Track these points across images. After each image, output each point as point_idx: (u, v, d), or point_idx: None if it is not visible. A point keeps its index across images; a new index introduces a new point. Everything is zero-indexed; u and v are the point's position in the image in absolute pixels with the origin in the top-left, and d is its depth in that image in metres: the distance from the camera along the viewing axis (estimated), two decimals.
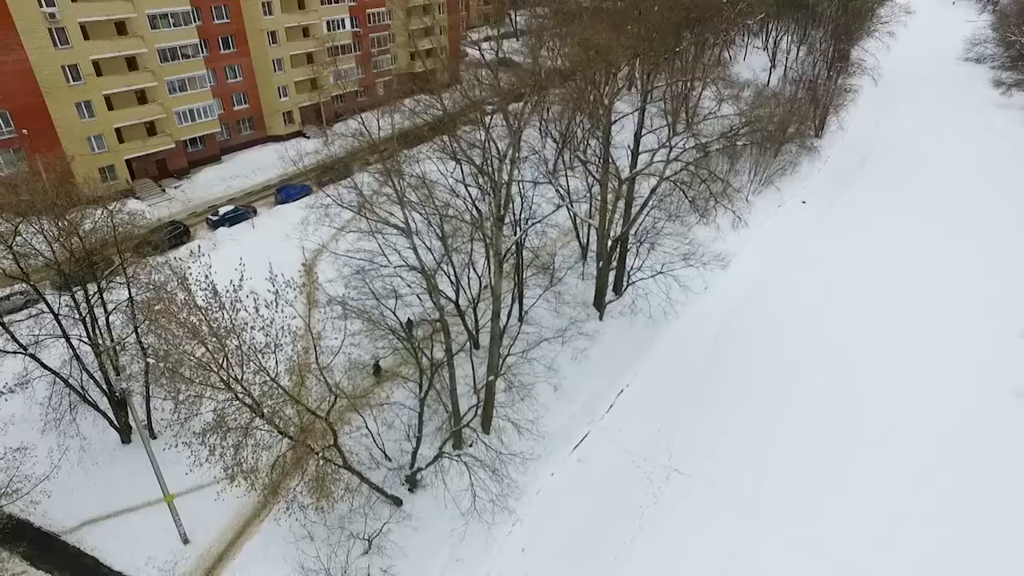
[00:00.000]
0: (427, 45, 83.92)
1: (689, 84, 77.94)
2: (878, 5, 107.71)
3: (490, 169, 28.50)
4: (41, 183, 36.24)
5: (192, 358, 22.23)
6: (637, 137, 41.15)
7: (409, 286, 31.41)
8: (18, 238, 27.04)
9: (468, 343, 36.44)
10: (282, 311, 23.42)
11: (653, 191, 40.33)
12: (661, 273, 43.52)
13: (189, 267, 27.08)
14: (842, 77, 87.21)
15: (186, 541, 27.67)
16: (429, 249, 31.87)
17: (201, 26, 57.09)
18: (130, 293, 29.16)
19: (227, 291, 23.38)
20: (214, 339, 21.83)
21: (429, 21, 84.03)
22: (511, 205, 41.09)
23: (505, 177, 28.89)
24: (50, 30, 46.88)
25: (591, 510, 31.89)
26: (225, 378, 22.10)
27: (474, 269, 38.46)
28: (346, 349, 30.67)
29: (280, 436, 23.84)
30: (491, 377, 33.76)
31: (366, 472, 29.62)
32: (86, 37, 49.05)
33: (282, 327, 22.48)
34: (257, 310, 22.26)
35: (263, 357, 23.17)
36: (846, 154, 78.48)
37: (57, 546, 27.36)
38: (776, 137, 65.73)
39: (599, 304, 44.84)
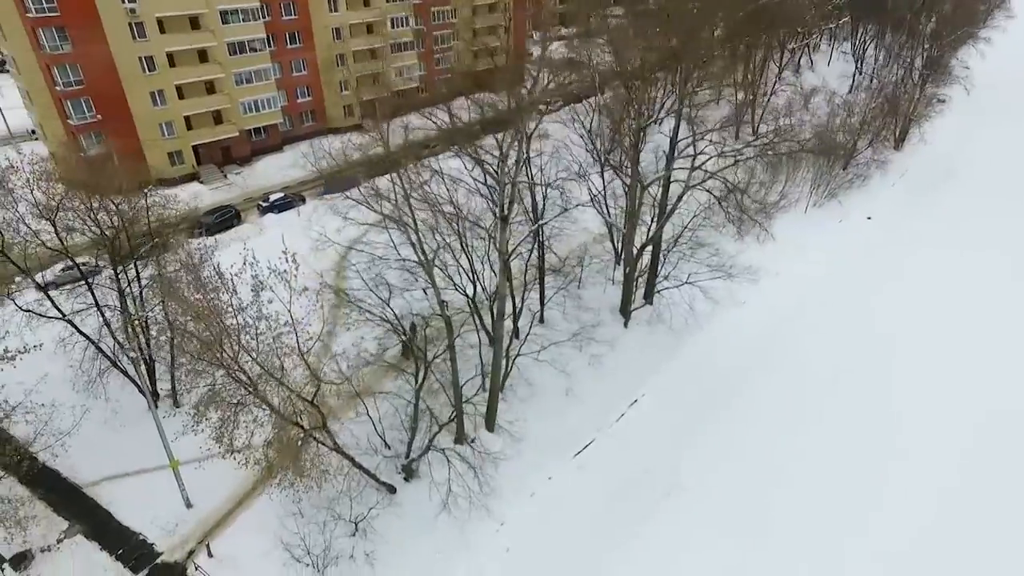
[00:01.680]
0: (491, 44, 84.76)
1: (751, 91, 75.16)
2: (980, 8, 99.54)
3: (494, 168, 28.58)
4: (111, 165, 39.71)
5: (194, 335, 23.75)
6: (672, 143, 40.02)
7: (417, 280, 31.86)
8: (66, 214, 29.65)
9: (480, 340, 36.58)
10: (295, 298, 24.42)
11: (679, 198, 39.08)
12: (688, 283, 42.23)
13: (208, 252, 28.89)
14: (929, 85, 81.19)
15: (189, 505, 29.48)
16: (449, 247, 32.37)
17: (270, 22, 60.24)
18: (159, 270, 31.34)
19: (230, 274, 24.76)
20: (213, 319, 23.18)
21: (494, 20, 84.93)
22: (536, 205, 41.48)
23: (509, 177, 28.86)
24: (130, 24, 50.90)
25: (584, 518, 31.40)
26: (219, 354, 23.42)
27: (492, 268, 38.56)
28: (355, 341, 31.80)
29: (271, 414, 24.98)
30: (495, 376, 34.02)
31: (362, 457, 30.48)
32: (162, 31, 52.91)
33: (277, 313, 23.41)
34: (257, 293, 23.36)
35: (262, 339, 24.39)
36: (926, 170, 72.92)
37: (77, 497, 29.86)
38: (836, 148, 62.04)
39: (625, 311, 44.01)
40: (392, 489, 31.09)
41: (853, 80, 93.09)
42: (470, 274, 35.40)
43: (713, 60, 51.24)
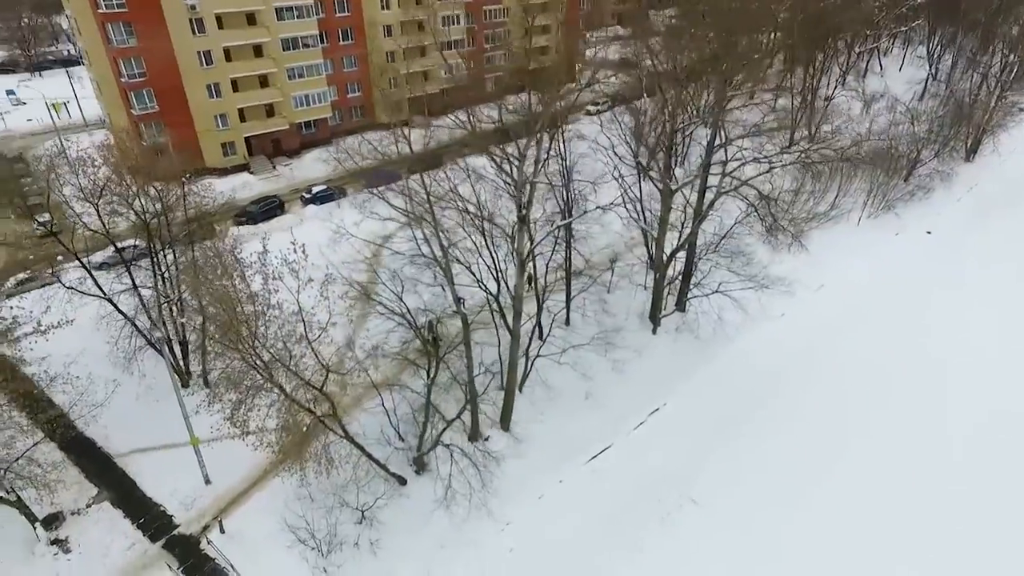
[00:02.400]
0: (543, 43, 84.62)
1: (807, 95, 72.28)
2: None
3: (511, 168, 28.52)
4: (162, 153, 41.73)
5: (214, 319, 24.78)
6: (709, 148, 38.88)
7: (436, 277, 32.12)
8: (109, 198, 31.39)
9: (500, 339, 36.64)
10: (304, 288, 25.17)
11: (710, 205, 37.94)
12: (719, 293, 40.99)
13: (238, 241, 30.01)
14: (1009, 93, 75.88)
15: (208, 482, 30.73)
16: (475, 244, 32.58)
17: (323, 19, 62.01)
18: (192, 256, 32.77)
19: (250, 262, 25.69)
20: (227, 304, 24.11)
21: (547, 19, 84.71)
22: (567, 206, 41.10)
23: (527, 176, 28.73)
24: (191, 20, 53.41)
25: (591, 525, 30.96)
26: (235, 338, 24.32)
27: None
28: (377, 334, 32.28)
29: (281, 399, 25.73)
30: (511, 375, 34.00)
31: (375, 447, 30.99)
32: (220, 26, 55.28)
33: (283, 302, 24.11)
34: (266, 281, 24.13)
35: (278, 326, 25.19)
36: (997, 184, 68.26)
37: (108, 466, 31.63)
38: (886, 158, 58.86)
39: (654, 317, 43.13)
40: (402, 481, 31.50)
41: (925, 86, 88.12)
42: (493, 272, 35.57)
43: (757, 63, 49.49)
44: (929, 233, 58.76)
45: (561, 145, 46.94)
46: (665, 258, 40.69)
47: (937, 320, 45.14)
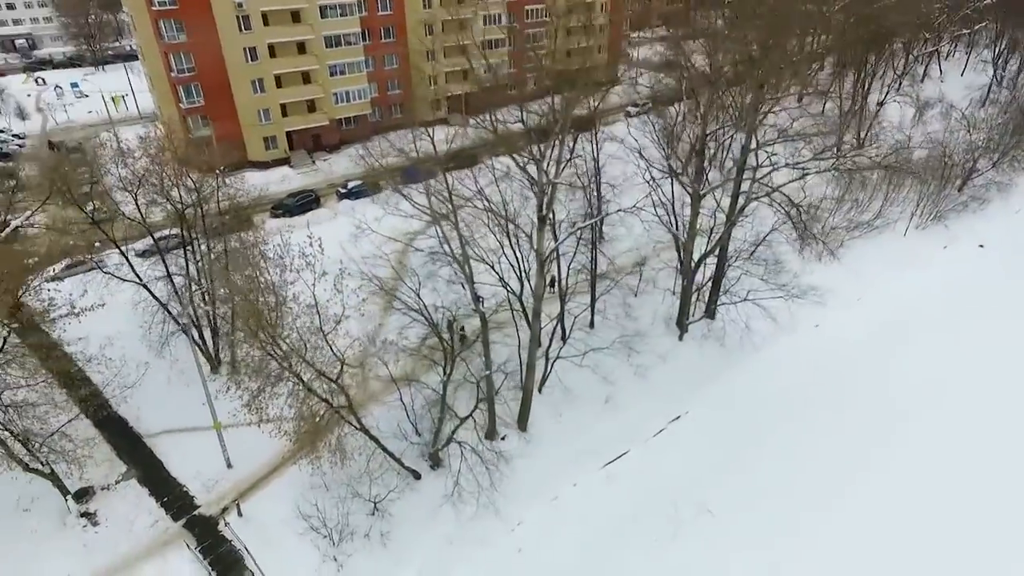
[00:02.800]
0: (585, 43, 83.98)
1: (856, 101, 69.77)
2: None
3: (535, 168, 28.44)
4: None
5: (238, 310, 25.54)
6: (743, 153, 37.89)
7: (456, 274, 32.26)
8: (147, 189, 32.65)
9: (520, 340, 36.59)
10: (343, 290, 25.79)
11: (740, 210, 36.99)
12: (748, 300, 39.94)
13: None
14: None
15: (229, 466, 31.67)
16: (499, 244, 32.66)
17: (366, 17, 63.05)
18: (226, 247, 33.83)
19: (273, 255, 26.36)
20: (245, 294, 24.84)
21: (590, 19, 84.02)
22: (596, 207, 40.77)
23: (547, 177, 28.60)
24: (238, 17, 55.08)
25: (602, 530, 30.65)
26: (254, 327, 25.03)
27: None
28: (394, 332, 32.68)
29: (301, 389, 26.32)
30: (529, 376, 33.94)
31: (391, 441, 31.39)
32: (265, 23, 56.83)
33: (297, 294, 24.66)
34: (282, 272, 24.72)
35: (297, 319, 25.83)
36: None
37: (138, 445, 32.93)
38: (947, 166, 56.30)
39: (681, 323, 42.37)
40: (417, 475, 31.81)
41: (987, 92, 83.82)
42: (517, 272, 35.55)
43: (798, 66, 47.92)
44: (982, 247, 55.97)
45: (594, 147, 46.84)
46: (694, 263, 39.89)
47: (985, 340, 42.74)
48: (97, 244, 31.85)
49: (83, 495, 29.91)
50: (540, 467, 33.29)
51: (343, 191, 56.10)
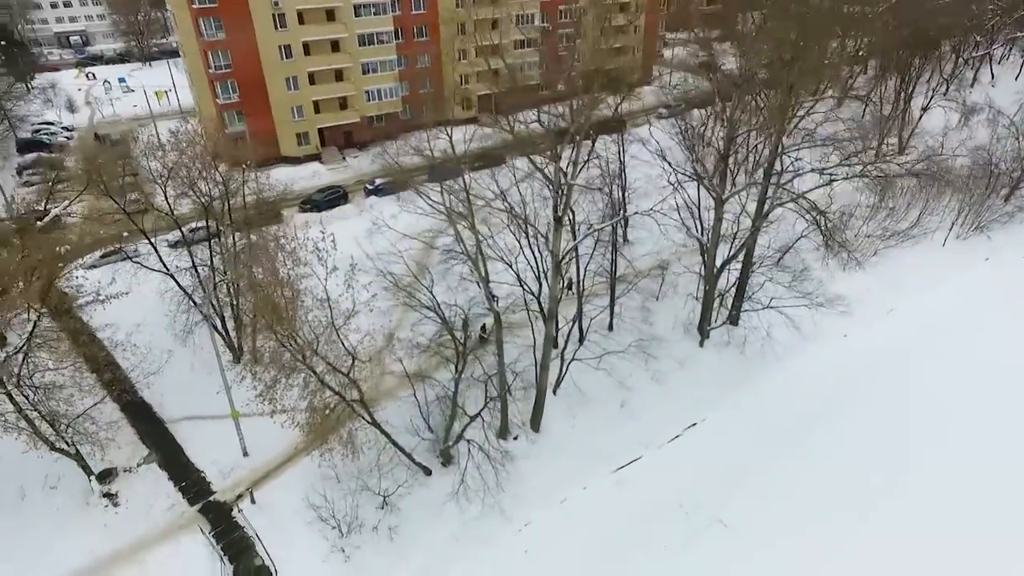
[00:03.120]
0: (619, 44, 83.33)
1: (898, 105, 67.50)
2: None
3: (548, 169, 28.33)
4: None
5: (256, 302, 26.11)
6: (773, 157, 37.03)
7: (471, 273, 32.31)
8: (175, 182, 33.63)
9: (536, 341, 36.50)
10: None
11: (764, 216, 36.18)
12: (772, 308, 39.07)
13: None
14: None
15: (246, 454, 32.40)
16: (521, 246, 32.70)
17: (399, 16, 63.71)
18: (249, 241, 34.61)
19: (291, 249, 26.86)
20: (258, 287, 25.38)
21: (625, 20, 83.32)
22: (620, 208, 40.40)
23: (564, 178, 28.44)
24: (273, 15, 56.30)
25: (611, 536, 30.37)
26: (269, 319, 25.58)
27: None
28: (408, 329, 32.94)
29: (313, 381, 26.77)
30: (542, 376, 33.82)
31: (403, 436, 31.65)
32: (301, 22, 57.90)
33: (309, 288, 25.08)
34: (295, 265, 25.16)
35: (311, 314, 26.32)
36: None
37: (160, 430, 33.95)
38: (994, 175, 54.03)
39: (702, 329, 41.67)
40: (428, 471, 32.01)
41: None
42: (535, 272, 35.50)
43: (832, 69, 46.53)
44: None
45: (620, 149, 46.48)
46: (716, 268, 39.17)
47: (1006, 363, 40.87)
48: (125, 234, 32.88)
49: (106, 476, 30.98)
50: (550, 469, 33.16)
51: (370, 188, 56.82)
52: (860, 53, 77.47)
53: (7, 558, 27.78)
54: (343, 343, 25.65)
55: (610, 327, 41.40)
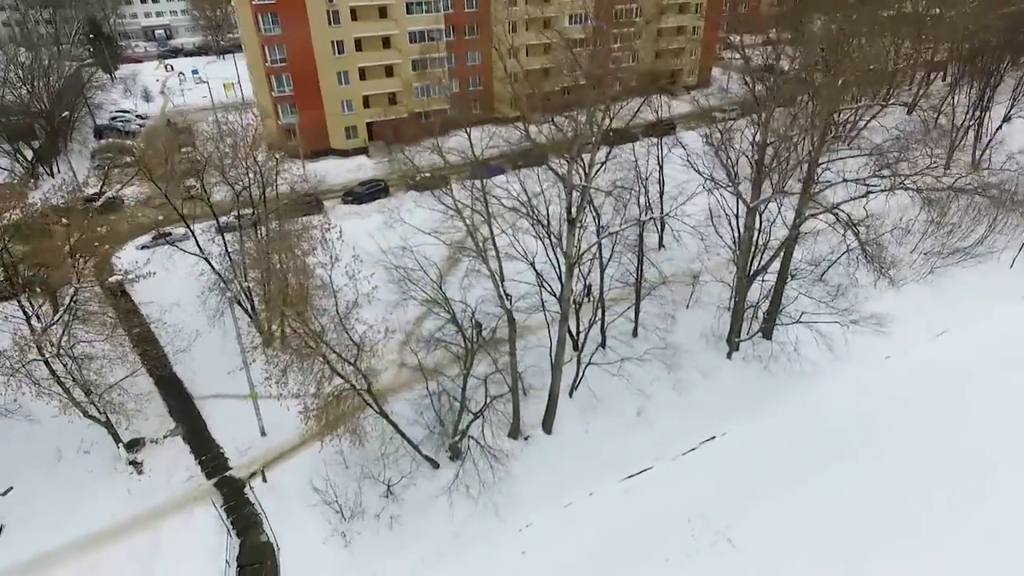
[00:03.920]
0: (676, 45, 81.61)
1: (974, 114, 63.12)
2: None
3: (562, 170, 28.04)
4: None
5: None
6: (812, 165, 35.34)
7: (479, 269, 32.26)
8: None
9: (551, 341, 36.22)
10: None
11: (798, 226, 34.55)
12: (810, 323, 37.31)
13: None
14: None
15: (263, 434, 33.62)
16: (545, 248, 32.57)
17: (450, 13, 64.44)
18: (267, 231, 35.83)
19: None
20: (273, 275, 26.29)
21: (683, 21, 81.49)
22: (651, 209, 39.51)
23: (578, 179, 28.07)
24: (328, 12, 58.03)
25: (613, 544, 29.81)
26: (286, 305, 26.50)
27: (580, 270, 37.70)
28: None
29: (324, 367, 27.52)
30: (555, 379, 33.54)
31: (413, 428, 32.11)
32: (354, 18, 59.43)
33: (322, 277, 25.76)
34: (304, 256, 25.88)
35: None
36: None
37: (188, 406, 35.67)
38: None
39: (731, 341, 40.27)
40: (435, 465, 32.30)
41: None
42: (557, 272, 35.18)
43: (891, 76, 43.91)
44: None
45: (660, 153, 45.55)
46: (747, 279, 37.78)
47: None
48: (160, 218, 34.70)
49: (134, 445, 32.79)
50: (558, 472, 32.84)
51: (411, 182, 57.68)
52: (934, 58, 72.85)
53: (42, 513, 29.87)
54: (347, 333, 26.20)
55: (634, 333, 40.62)
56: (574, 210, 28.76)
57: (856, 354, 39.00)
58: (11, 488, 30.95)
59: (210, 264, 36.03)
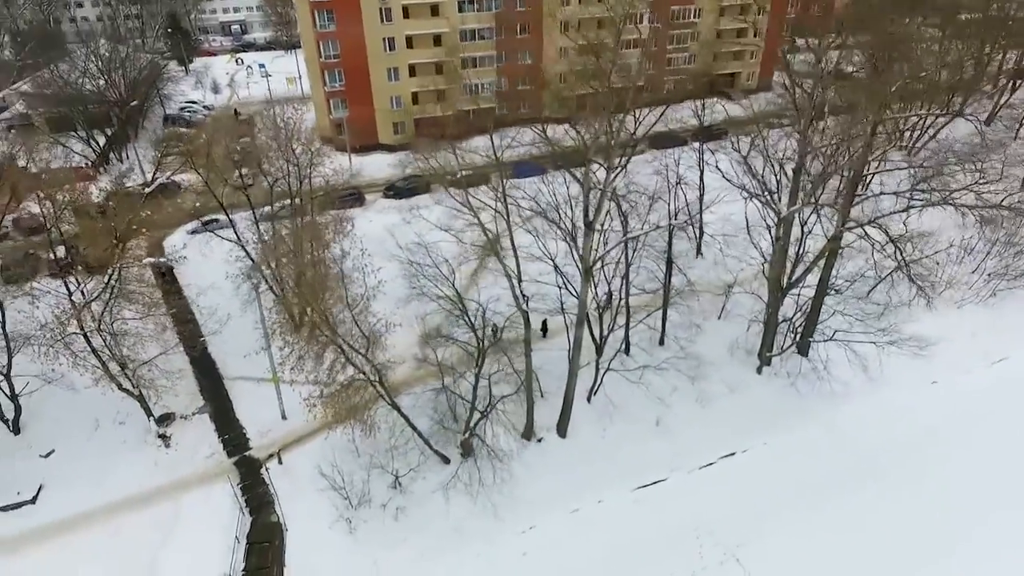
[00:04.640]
0: (736, 47, 79.11)
1: None
2: None
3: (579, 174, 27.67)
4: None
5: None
6: (853, 178, 33.53)
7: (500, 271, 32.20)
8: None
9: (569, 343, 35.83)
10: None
11: (834, 239, 32.84)
12: (845, 342, 35.51)
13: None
14: None
15: (284, 418, 34.74)
16: (569, 249, 32.40)
17: (502, 12, 64.61)
18: (313, 222, 36.91)
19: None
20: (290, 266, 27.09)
21: (743, 22, 78.83)
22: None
23: (593, 183, 27.63)
24: (380, 9, 59.28)
25: (616, 554, 29.24)
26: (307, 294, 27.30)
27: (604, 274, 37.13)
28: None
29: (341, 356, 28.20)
30: (570, 382, 33.20)
31: (422, 422, 32.45)
32: (406, 16, 60.48)
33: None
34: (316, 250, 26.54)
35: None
36: None
37: (218, 385, 37.26)
38: None
39: (762, 355, 38.78)
40: (446, 460, 32.55)
41: None
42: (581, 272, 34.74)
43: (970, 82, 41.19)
44: None
45: (700, 160, 44.38)
46: (781, 292, 36.26)
47: None
48: (197, 204, 36.34)
49: (164, 419, 34.51)
50: (568, 476, 32.52)
51: (450, 179, 58.24)
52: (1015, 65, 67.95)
53: (77, 477, 31.87)
54: (357, 325, 26.73)
55: (660, 342, 39.72)
56: (591, 214, 28.32)
57: (896, 377, 36.82)
58: (53, 451, 33.14)
59: (246, 251, 37.46)
